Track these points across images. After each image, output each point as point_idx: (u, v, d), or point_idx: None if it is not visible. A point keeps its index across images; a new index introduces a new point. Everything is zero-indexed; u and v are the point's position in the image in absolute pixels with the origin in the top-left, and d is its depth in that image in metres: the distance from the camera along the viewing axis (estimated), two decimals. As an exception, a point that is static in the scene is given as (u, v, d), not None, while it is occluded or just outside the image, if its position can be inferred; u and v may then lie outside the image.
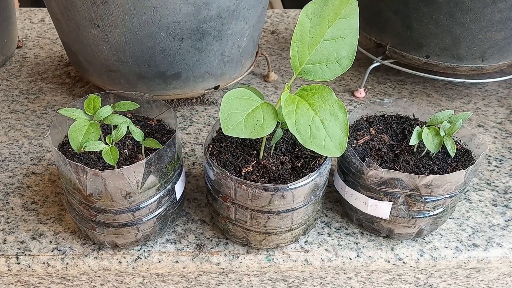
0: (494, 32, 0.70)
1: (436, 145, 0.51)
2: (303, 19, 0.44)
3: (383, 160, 0.52)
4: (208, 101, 0.78)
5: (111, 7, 0.58)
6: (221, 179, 0.48)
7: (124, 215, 0.49)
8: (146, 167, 0.47)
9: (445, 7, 0.68)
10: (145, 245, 0.54)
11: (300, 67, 0.45)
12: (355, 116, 0.58)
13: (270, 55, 0.92)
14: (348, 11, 0.44)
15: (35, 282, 0.56)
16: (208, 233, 0.56)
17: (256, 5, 0.66)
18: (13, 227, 0.56)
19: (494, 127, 0.74)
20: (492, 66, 0.75)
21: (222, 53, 0.68)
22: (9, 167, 0.64)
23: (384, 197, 0.51)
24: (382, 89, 0.83)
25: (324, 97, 0.44)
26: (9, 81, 0.83)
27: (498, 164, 0.67)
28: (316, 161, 0.50)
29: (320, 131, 0.43)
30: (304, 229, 0.53)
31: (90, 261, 0.53)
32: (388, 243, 0.55)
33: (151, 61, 0.65)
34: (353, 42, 0.45)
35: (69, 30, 0.65)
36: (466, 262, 0.55)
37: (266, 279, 0.57)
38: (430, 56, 0.75)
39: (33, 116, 0.74)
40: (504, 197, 0.61)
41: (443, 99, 0.81)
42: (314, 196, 0.50)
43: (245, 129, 0.43)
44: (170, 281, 0.56)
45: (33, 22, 1.03)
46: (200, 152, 0.68)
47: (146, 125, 0.56)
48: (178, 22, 0.61)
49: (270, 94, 0.81)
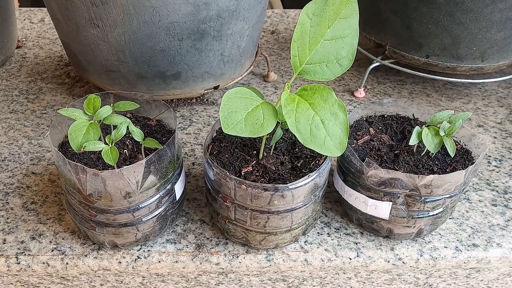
0: (494, 32, 0.70)
1: (436, 145, 0.51)
2: (304, 19, 0.44)
3: (383, 160, 0.52)
4: (208, 101, 0.78)
5: (111, 7, 0.58)
6: (221, 179, 0.48)
7: (124, 215, 0.49)
8: (146, 167, 0.47)
9: (445, 7, 0.68)
10: (144, 245, 0.54)
11: (300, 67, 0.45)
12: (355, 116, 0.58)
13: (270, 55, 0.92)
14: (348, 11, 0.45)
15: (35, 282, 0.56)
16: (208, 233, 0.56)
17: (256, 5, 0.66)
18: (13, 227, 0.56)
19: (494, 127, 0.74)
20: (492, 66, 0.75)
21: (222, 53, 0.68)
22: (9, 167, 0.64)
23: (384, 197, 0.51)
24: (382, 89, 0.83)
25: (324, 96, 0.44)
26: (9, 81, 0.83)
27: (498, 164, 0.67)
28: (315, 161, 0.50)
29: (320, 131, 0.43)
30: (304, 229, 0.53)
31: (89, 261, 0.53)
32: (388, 243, 0.55)
33: (151, 61, 0.65)
34: (353, 42, 0.45)
35: (68, 30, 0.65)
36: (466, 262, 0.55)
37: (266, 279, 0.57)
38: (430, 56, 0.75)
39: (33, 116, 0.74)
40: (504, 197, 0.61)
41: (443, 99, 0.81)
42: (313, 196, 0.50)
43: (245, 128, 0.43)
44: (170, 281, 0.56)
45: (33, 22, 1.03)
46: (200, 152, 0.68)
47: (146, 125, 0.56)
48: (178, 22, 0.61)
49: (270, 94, 0.81)
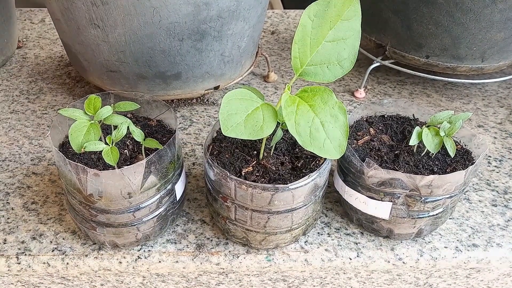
0: (494, 32, 0.70)
1: (436, 145, 0.51)
2: (305, 20, 0.44)
3: (383, 160, 0.52)
4: (208, 101, 0.78)
5: (112, 7, 0.58)
6: (221, 179, 0.48)
7: (124, 215, 0.49)
8: (146, 167, 0.47)
9: (445, 8, 0.69)
10: (145, 245, 0.54)
11: (301, 68, 0.45)
12: (355, 116, 0.58)
13: (270, 56, 0.92)
14: (350, 13, 0.44)
15: (35, 282, 0.56)
16: (208, 233, 0.56)
17: (256, 6, 0.67)
18: (14, 227, 0.56)
19: (494, 127, 0.74)
20: (492, 66, 0.75)
21: (222, 53, 0.68)
22: (9, 167, 0.65)
23: (384, 197, 0.51)
24: (382, 89, 0.83)
25: (324, 98, 0.44)
26: (10, 81, 0.83)
27: (498, 164, 0.67)
28: (316, 161, 0.50)
29: (320, 133, 0.43)
30: (304, 229, 0.53)
31: (90, 261, 0.53)
32: (388, 243, 0.55)
33: (151, 62, 0.65)
34: (355, 44, 0.45)
35: (69, 30, 0.66)
36: (466, 262, 0.55)
37: (266, 279, 0.57)
38: (430, 56, 0.75)
39: (34, 116, 0.74)
40: (504, 197, 0.61)
41: (443, 100, 0.81)
42: (314, 196, 0.50)
43: (245, 130, 0.43)
44: (170, 281, 0.57)
45: (33, 23, 1.03)
46: (200, 152, 0.68)
47: (147, 125, 0.56)
48: (178, 23, 0.61)
49: (270, 94, 0.81)
